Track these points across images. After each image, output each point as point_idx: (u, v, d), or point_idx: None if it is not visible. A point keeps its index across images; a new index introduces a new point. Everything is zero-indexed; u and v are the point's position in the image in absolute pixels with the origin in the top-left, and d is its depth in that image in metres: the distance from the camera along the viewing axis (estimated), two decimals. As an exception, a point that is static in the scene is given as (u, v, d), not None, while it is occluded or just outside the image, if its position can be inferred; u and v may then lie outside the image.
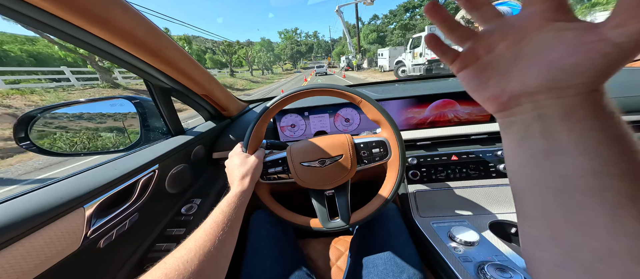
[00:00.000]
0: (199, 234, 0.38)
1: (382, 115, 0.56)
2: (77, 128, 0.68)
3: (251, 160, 0.55)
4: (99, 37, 0.41)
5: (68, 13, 0.36)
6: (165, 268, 0.30)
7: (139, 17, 0.45)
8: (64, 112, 0.66)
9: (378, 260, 0.61)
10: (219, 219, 0.41)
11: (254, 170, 0.55)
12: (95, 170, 0.52)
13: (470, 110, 0.87)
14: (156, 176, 0.61)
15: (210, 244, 0.36)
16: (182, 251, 0.33)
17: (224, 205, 0.44)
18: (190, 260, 0.32)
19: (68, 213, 0.41)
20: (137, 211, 0.57)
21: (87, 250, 0.45)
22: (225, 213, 0.43)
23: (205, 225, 0.39)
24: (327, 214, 0.60)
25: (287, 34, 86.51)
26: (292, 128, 0.96)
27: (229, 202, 0.45)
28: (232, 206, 0.45)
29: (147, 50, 0.50)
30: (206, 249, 0.35)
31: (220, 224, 0.40)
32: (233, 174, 0.54)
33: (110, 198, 0.49)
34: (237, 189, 0.50)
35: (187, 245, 0.35)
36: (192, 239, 0.36)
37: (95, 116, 0.70)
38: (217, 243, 0.37)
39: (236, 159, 0.56)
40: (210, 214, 0.42)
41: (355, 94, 0.56)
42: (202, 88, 0.75)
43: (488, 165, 0.82)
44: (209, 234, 0.37)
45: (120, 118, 0.73)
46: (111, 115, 0.72)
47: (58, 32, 0.38)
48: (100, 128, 0.72)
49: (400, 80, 1.49)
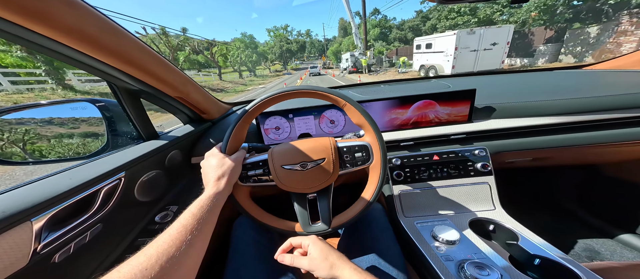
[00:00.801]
0: (164, 238, 0.35)
1: (365, 119, 0.56)
2: (32, 134, 0.62)
3: (229, 161, 0.53)
4: (39, 33, 0.36)
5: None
6: (119, 277, 0.27)
7: (88, 12, 0.41)
8: (17, 116, 0.59)
9: (364, 260, 0.61)
10: (188, 222, 0.38)
11: (232, 172, 0.52)
12: (45, 180, 0.47)
13: (450, 110, 0.89)
14: (122, 184, 0.56)
15: (175, 250, 0.33)
16: (141, 258, 0.31)
17: (194, 208, 0.42)
18: (149, 267, 0.29)
19: (10, 228, 0.37)
20: (100, 222, 0.52)
21: (38, 266, 0.41)
22: (195, 215, 0.40)
23: (171, 230, 0.37)
24: (308, 218, 0.59)
25: (276, 32, 78.46)
26: (276, 130, 0.94)
27: (201, 205, 0.43)
28: (204, 208, 0.42)
29: (103, 49, 0.45)
30: (170, 254, 0.32)
31: (189, 228, 0.37)
32: (208, 175, 0.51)
33: (65, 210, 0.45)
34: (211, 190, 0.48)
35: (148, 251, 0.32)
36: (154, 245, 0.34)
37: (53, 121, 0.63)
38: (184, 248, 0.34)
39: (213, 160, 0.53)
40: (178, 217, 0.40)
41: (340, 97, 0.55)
42: (175, 90, 0.71)
43: (467, 163, 0.84)
44: (175, 239, 0.35)
45: (82, 123, 0.67)
46: (72, 119, 0.66)
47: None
48: (59, 133, 0.65)
49: (385, 82, 1.52)
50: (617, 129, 0.86)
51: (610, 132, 0.86)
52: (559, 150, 0.88)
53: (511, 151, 0.88)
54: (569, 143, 0.87)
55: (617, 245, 1.11)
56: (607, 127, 0.86)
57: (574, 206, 1.33)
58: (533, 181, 1.46)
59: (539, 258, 0.60)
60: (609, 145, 0.87)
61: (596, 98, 0.86)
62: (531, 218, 0.92)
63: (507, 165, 0.95)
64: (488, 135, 0.89)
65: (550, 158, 0.94)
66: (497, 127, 0.87)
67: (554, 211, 1.36)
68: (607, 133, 0.86)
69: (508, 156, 0.90)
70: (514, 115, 0.87)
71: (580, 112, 0.85)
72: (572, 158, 0.97)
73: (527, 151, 0.89)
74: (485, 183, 0.84)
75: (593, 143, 0.86)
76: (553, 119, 0.85)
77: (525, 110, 0.87)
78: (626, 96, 0.84)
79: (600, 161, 1.12)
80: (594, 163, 1.18)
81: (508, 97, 0.93)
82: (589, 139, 0.86)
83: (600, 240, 1.14)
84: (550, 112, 0.86)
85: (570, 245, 1.13)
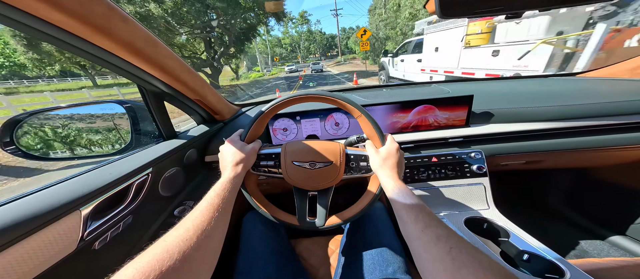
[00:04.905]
0: (196, 214, 0.39)
1: (376, 132, 0.58)
2: (66, 131, 0.68)
3: (248, 148, 0.58)
4: (99, 46, 0.42)
5: (71, 24, 0.38)
6: (166, 244, 0.32)
7: (137, 27, 0.47)
8: (52, 115, 0.65)
9: (367, 256, 0.65)
10: (214, 201, 0.43)
11: (249, 158, 0.57)
12: (91, 173, 0.52)
13: (448, 115, 0.94)
14: (150, 179, 0.62)
15: (207, 224, 0.38)
16: (181, 230, 0.35)
17: (218, 189, 0.47)
18: (188, 238, 0.34)
19: (65, 216, 0.42)
20: (131, 214, 0.58)
21: (82, 252, 0.46)
22: (219, 195, 0.45)
23: (201, 206, 0.41)
24: (306, 213, 0.64)
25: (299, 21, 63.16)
26: (284, 131, 1.00)
27: (224, 187, 0.48)
28: (226, 190, 0.47)
29: (144, 58, 0.51)
30: (203, 227, 0.37)
31: (215, 206, 0.42)
32: (226, 160, 0.55)
33: (105, 201, 0.50)
34: (230, 174, 0.52)
35: (185, 224, 0.37)
36: (189, 219, 0.38)
37: (85, 118, 0.69)
38: (213, 223, 0.39)
39: (233, 146, 0.57)
40: (205, 197, 0.44)
41: (355, 107, 0.58)
42: (195, 93, 0.76)
43: (464, 165, 0.90)
44: (205, 215, 0.39)
45: (111, 121, 0.73)
46: (101, 117, 0.71)
47: (60, 42, 0.39)
48: (90, 131, 0.71)
49: (387, 86, 1.57)
50: (608, 135, 0.90)
51: (601, 137, 0.90)
52: (551, 153, 0.93)
53: (506, 154, 0.93)
54: (561, 147, 0.91)
55: (606, 246, 1.16)
56: (598, 133, 0.90)
57: (565, 208, 1.38)
58: (526, 183, 1.51)
59: (527, 254, 0.65)
60: (599, 149, 0.91)
61: (588, 105, 0.90)
62: (523, 217, 0.98)
63: (502, 168, 1.00)
64: (484, 139, 0.94)
65: (542, 162, 0.99)
66: (493, 131, 0.92)
67: (545, 212, 1.40)
68: (598, 139, 0.90)
69: (503, 159, 0.95)
70: (509, 120, 0.92)
71: (573, 118, 0.89)
72: (564, 161, 1.02)
73: (521, 155, 0.94)
74: (480, 184, 0.89)
75: (584, 148, 0.91)
76: (546, 124, 0.90)
77: (520, 115, 0.92)
78: (617, 103, 0.89)
79: (591, 165, 1.16)
80: (585, 167, 1.22)
81: (504, 103, 0.98)
82: (580, 144, 0.91)
83: (590, 241, 1.19)
84: (544, 117, 0.90)
85: (560, 244, 1.18)
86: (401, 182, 0.52)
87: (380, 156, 0.56)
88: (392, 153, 0.56)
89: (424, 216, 0.40)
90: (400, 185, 0.50)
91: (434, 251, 0.34)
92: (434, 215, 0.41)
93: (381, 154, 0.56)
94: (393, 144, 0.58)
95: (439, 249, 0.34)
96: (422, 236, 0.37)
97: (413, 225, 0.40)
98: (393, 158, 0.55)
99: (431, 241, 0.36)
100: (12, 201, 0.39)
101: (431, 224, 0.38)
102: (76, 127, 0.68)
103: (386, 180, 0.53)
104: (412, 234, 0.39)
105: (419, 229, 0.38)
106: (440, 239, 0.35)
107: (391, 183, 0.51)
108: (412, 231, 0.39)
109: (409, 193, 0.47)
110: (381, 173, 0.55)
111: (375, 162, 0.57)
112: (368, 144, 0.62)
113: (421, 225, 0.39)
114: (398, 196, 0.47)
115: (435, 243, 0.35)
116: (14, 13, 0.33)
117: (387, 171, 0.54)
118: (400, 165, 0.56)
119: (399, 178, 0.53)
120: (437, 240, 0.35)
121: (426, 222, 0.39)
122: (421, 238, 0.37)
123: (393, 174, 0.53)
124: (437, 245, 0.34)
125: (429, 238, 0.36)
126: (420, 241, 0.37)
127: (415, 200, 0.44)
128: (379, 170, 0.56)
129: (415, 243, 0.38)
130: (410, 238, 0.40)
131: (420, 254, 0.37)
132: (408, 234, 0.41)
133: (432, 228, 0.37)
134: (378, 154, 0.57)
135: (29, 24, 0.35)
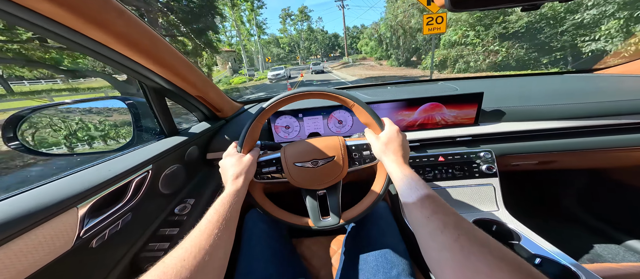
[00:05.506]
0: (195, 234, 0.39)
1: (372, 117, 0.58)
2: (67, 127, 0.68)
3: (245, 160, 0.56)
4: (94, 39, 0.41)
5: (66, 16, 0.36)
6: (164, 267, 0.32)
7: (133, 20, 0.46)
8: (54, 111, 0.65)
9: (370, 257, 0.63)
10: (213, 218, 0.42)
11: (248, 169, 0.55)
12: (89, 170, 0.52)
13: (456, 113, 0.91)
14: (150, 176, 0.61)
15: (206, 243, 0.37)
16: (180, 251, 0.35)
17: (217, 205, 0.45)
18: (187, 259, 0.33)
19: (61, 213, 0.41)
20: (130, 211, 0.57)
21: (79, 250, 0.46)
22: (219, 212, 0.43)
23: (201, 225, 0.40)
24: (318, 213, 0.62)
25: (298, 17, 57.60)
26: (286, 129, 0.98)
27: (223, 202, 0.46)
28: (227, 205, 0.46)
29: (141, 52, 0.50)
30: (202, 247, 0.36)
31: (215, 223, 0.41)
32: (227, 173, 0.54)
33: (103, 198, 0.50)
34: (231, 188, 0.51)
35: (184, 245, 0.36)
36: (188, 239, 0.38)
37: (86, 113, 0.69)
38: (213, 241, 0.38)
39: (230, 159, 0.56)
40: (205, 214, 0.43)
41: (348, 98, 0.58)
42: (196, 89, 0.75)
43: (472, 165, 0.87)
44: (204, 233, 0.38)
45: (112, 117, 0.72)
46: (103, 113, 0.71)
47: (56, 36, 0.38)
48: (92, 127, 0.71)
49: (392, 83, 1.54)
50: (625, 134, 0.86)
51: (618, 137, 0.86)
52: (565, 153, 0.89)
53: (517, 154, 0.90)
54: (576, 147, 0.88)
55: (622, 250, 1.11)
56: (615, 132, 0.86)
57: (578, 210, 1.33)
58: (538, 184, 1.46)
59: (539, 258, 0.62)
60: (616, 150, 0.87)
61: (605, 103, 0.86)
62: (535, 220, 0.94)
63: (513, 168, 0.97)
64: (494, 138, 0.90)
65: (556, 162, 0.95)
66: (504, 130, 0.88)
67: (558, 214, 1.36)
68: (615, 138, 0.86)
69: (514, 159, 0.91)
70: (521, 119, 0.89)
71: (588, 117, 0.86)
72: (579, 162, 0.98)
73: (533, 155, 0.90)
74: (489, 185, 0.86)
75: (600, 148, 0.87)
76: (560, 123, 0.86)
77: (532, 113, 0.88)
78: (635, 101, 0.84)
79: (607, 166, 1.12)
80: (600, 168, 1.18)
81: (516, 101, 0.95)
82: (596, 144, 0.87)
83: (605, 245, 1.14)
84: (558, 116, 0.87)
85: (573, 248, 1.14)
86: (407, 167, 0.50)
87: (381, 142, 0.55)
88: (392, 137, 0.55)
89: (430, 203, 0.38)
90: (405, 170, 0.48)
91: (440, 238, 0.32)
92: (443, 201, 0.39)
93: (381, 139, 0.55)
94: (392, 127, 0.57)
95: (446, 237, 0.32)
96: (428, 224, 0.35)
97: (420, 212, 0.38)
98: (395, 141, 0.54)
99: (438, 228, 0.34)
100: (6, 199, 0.38)
101: (438, 211, 0.36)
102: (78, 123, 0.68)
103: (391, 165, 0.51)
104: (419, 222, 0.37)
105: (425, 216, 0.37)
106: (448, 226, 0.33)
107: (396, 169, 0.50)
108: (419, 219, 0.38)
109: (416, 178, 0.45)
110: (385, 159, 0.54)
111: (377, 148, 0.56)
112: (367, 131, 0.61)
113: (428, 212, 0.37)
114: (404, 182, 0.45)
115: (441, 231, 0.33)
116: (10, 6, 0.32)
117: (390, 156, 0.53)
118: (404, 147, 0.55)
119: (405, 162, 0.52)
120: (444, 227, 0.33)
121: (433, 209, 0.37)
122: (427, 226, 0.35)
123: (397, 158, 0.52)
124: (444, 232, 0.33)
125: (435, 225, 0.34)
126: (427, 228, 0.35)
127: (422, 185, 0.42)
128: (382, 156, 0.55)
129: (422, 231, 0.36)
130: (417, 225, 0.38)
131: (426, 243, 0.35)
132: (414, 222, 0.39)
133: (439, 215, 0.35)
134: (378, 140, 0.56)
135: (14, 13, 0.34)
